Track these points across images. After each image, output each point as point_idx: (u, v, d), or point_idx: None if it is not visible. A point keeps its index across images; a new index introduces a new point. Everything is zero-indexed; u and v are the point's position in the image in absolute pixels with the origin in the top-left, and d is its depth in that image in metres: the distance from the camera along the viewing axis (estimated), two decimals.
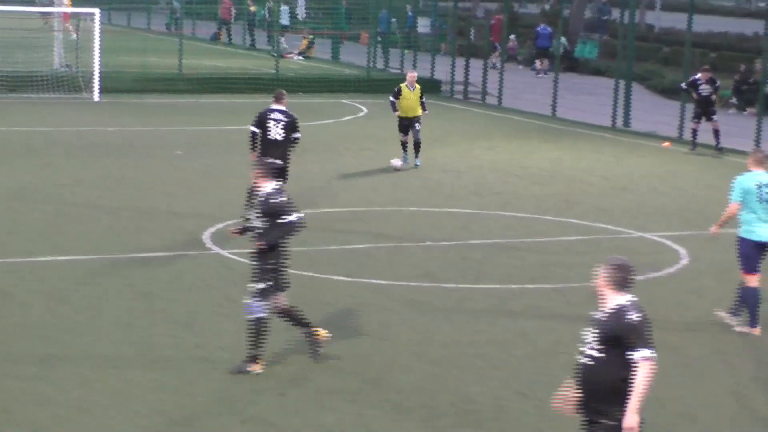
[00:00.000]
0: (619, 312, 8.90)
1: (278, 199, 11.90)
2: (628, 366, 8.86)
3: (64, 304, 17.50)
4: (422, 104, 30.54)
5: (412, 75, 31.49)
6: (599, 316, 9.06)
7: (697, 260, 21.65)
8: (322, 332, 14.97)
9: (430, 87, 44.41)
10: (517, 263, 20.80)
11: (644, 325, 9.10)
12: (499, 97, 44.63)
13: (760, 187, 17.16)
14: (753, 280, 16.99)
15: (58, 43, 44.84)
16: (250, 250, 13.87)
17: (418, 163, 30.85)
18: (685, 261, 21.14)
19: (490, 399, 14.40)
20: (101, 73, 40.17)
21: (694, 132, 34.46)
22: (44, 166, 27.64)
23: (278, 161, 21.39)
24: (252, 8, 61.72)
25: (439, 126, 29.82)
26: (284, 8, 58.21)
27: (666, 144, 35.17)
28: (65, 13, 46.19)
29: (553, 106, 40.63)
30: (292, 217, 11.70)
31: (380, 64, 51.82)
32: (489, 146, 34.27)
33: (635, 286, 8.92)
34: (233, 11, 61.14)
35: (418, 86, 30.69)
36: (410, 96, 30.06)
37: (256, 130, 22.27)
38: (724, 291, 17.92)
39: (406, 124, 30.15)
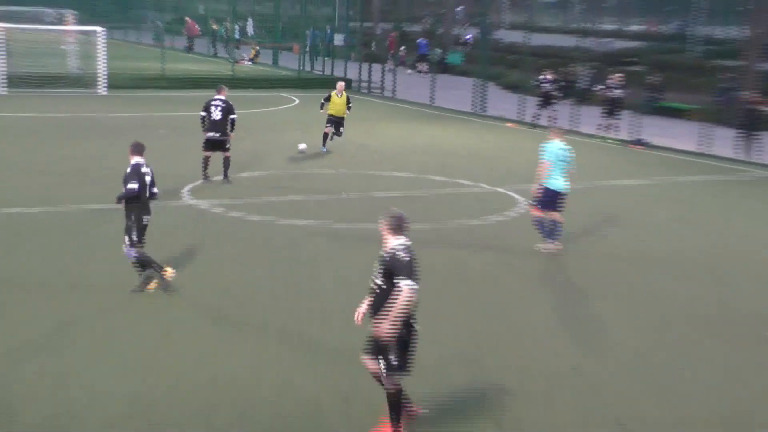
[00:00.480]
0: (394, 252, 9.32)
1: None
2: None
3: (67, 240, 17.17)
4: (348, 108, 29.54)
5: (340, 84, 30.55)
6: (383, 254, 9.47)
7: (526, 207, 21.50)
8: (169, 270, 14.58)
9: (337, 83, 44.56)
10: (409, 207, 20.88)
11: (411, 264, 9.44)
12: (393, 91, 45.29)
13: (559, 151, 17.56)
14: (552, 215, 17.67)
15: (73, 52, 44.21)
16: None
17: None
18: (521, 206, 21.32)
19: None
20: (106, 73, 39.55)
21: (536, 116, 34.63)
22: (59, 141, 27.28)
23: (218, 135, 22.55)
24: (214, 27, 61.24)
25: (351, 113, 29.75)
26: (237, 26, 58.03)
27: (511, 125, 35.38)
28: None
29: (432, 98, 40.88)
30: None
31: (308, 68, 51.63)
32: (387, 126, 34.38)
33: (488, 224, 8.70)
34: (199, 29, 60.38)
35: (345, 94, 29.79)
36: (338, 101, 29.24)
37: (203, 113, 22.76)
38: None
39: (334, 121, 29.18)
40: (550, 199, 17.63)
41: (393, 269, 9.31)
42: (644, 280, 16.50)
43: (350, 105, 29.70)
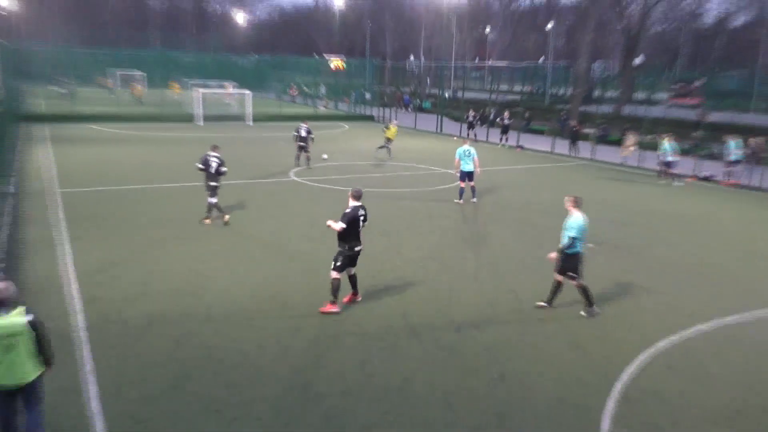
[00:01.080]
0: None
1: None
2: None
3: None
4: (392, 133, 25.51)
5: (394, 122, 27.13)
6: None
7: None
8: (227, 217, 14.22)
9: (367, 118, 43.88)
10: (402, 180, 20.90)
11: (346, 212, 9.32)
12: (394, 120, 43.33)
13: (464, 151, 17.56)
14: (467, 184, 17.65)
15: (234, 102, 43.83)
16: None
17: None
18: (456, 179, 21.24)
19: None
20: (251, 113, 39.39)
21: (474, 133, 34.23)
22: (228, 147, 27.59)
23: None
24: (305, 89, 60.45)
25: (370, 134, 29.20)
26: (318, 88, 57.67)
27: (455, 138, 35.05)
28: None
29: (415, 124, 39.97)
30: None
31: (353, 110, 51.11)
32: (395, 141, 34.08)
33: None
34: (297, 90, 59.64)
35: (393, 127, 25.90)
36: (392, 130, 25.49)
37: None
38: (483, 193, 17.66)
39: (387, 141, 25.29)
40: (464, 176, 17.60)
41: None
42: (521, 215, 16.62)
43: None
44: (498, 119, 36.06)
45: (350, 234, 9.40)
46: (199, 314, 9.30)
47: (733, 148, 22.28)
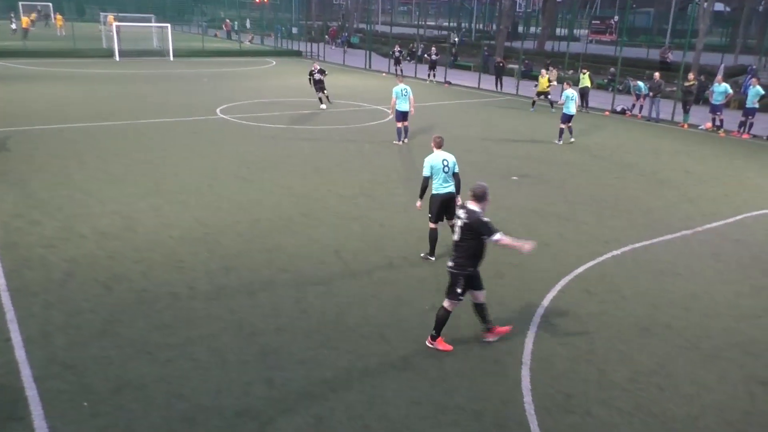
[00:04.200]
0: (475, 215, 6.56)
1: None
2: None
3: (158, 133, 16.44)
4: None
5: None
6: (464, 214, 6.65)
7: (393, 115, 21.27)
8: None
9: (295, 53, 42.60)
10: (336, 117, 20.53)
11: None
12: (324, 57, 42.22)
13: (401, 89, 16.52)
14: (403, 123, 16.97)
15: (154, 37, 41.41)
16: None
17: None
18: (391, 115, 21.13)
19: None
20: (171, 49, 37.43)
21: (400, 69, 33.82)
22: (145, 85, 26.24)
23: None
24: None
25: (298, 70, 28.37)
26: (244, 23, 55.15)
27: (383, 74, 34.69)
28: None
29: (344, 60, 39.19)
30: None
31: (279, 45, 49.39)
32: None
33: None
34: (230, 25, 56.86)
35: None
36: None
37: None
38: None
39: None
40: (401, 116, 16.83)
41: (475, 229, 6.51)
42: (449, 150, 16.70)
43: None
44: (425, 55, 35.80)
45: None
46: (126, 257, 8.96)
47: (643, 90, 23.29)
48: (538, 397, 6.13)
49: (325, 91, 22.37)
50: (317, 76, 21.95)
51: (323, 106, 22.19)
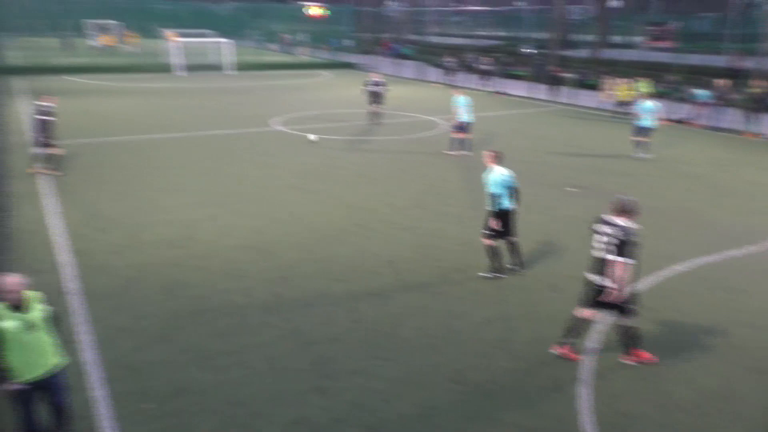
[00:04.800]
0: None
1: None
2: None
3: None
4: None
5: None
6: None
7: (447, 127, 21.12)
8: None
9: (348, 66, 43.08)
10: (389, 128, 20.62)
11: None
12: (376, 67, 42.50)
13: (465, 100, 16.60)
14: (463, 135, 16.79)
15: (214, 52, 42.73)
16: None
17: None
18: (440, 125, 21.11)
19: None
20: (231, 62, 38.40)
21: (450, 80, 33.91)
22: (211, 97, 26.99)
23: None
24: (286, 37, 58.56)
25: (350, 82, 28.44)
26: (298, 38, 56.20)
27: (436, 85, 34.69)
28: None
29: (395, 71, 39.13)
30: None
31: (333, 58, 50.09)
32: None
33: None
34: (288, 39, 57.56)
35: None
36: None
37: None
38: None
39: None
40: (462, 127, 16.77)
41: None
42: (510, 155, 16.50)
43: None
44: (478, 65, 35.56)
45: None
46: (187, 265, 9.23)
47: (703, 98, 22.55)
48: (596, 417, 5.96)
49: (379, 106, 21.40)
50: (371, 88, 21.37)
51: (373, 119, 21.48)
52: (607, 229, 6.44)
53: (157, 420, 5.75)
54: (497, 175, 8.64)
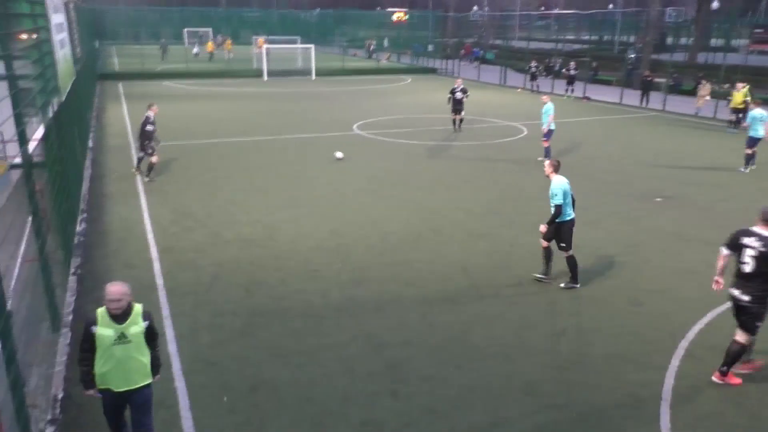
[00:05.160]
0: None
1: None
2: None
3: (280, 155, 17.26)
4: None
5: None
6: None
7: (529, 133, 20.77)
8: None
9: (430, 71, 43.07)
10: (469, 133, 20.47)
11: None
12: (459, 74, 42.13)
13: (550, 108, 16.17)
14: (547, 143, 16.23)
15: (299, 57, 43.78)
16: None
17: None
18: (524, 131, 20.73)
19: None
20: (314, 68, 39.30)
21: (533, 85, 33.35)
22: (293, 102, 27.70)
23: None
24: (369, 43, 59.31)
25: (432, 87, 28.27)
26: (382, 43, 56.75)
27: (519, 90, 34.09)
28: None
29: (478, 75, 38.83)
30: None
31: (414, 62, 50.24)
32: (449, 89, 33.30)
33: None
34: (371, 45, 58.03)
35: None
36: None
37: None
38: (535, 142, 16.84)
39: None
40: (549, 135, 16.34)
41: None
42: (584, 170, 16.05)
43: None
44: (564, 69, 34.70)
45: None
46: (266, 265, 9.56)
47: None
48: None
49: (462, 114, 20.74)
50: (458, 95, 20.41)
51: (454, 129, 20.93)
52: (753, 241, 6.11)
53: (232, 414, 5.98)
54: (562, 183, 8.57)
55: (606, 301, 8.51)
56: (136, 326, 4.80)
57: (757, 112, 15.99)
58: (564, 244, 8.74)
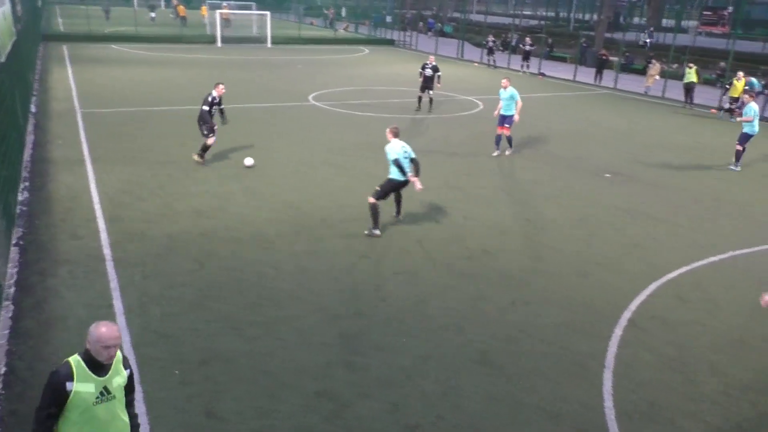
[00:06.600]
0: None
1: None
2: None
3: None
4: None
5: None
6: None
7: (485, 107, 20.94)
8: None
9: (388, 42, 42.72)
10: (390, 106, 20.52)
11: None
12: (416, 46, 41.98)
13: (507, 94, 14.45)
14: (503, 129, 15.68)
15: (254, 24, 42.65)
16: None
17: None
18: (480, 106, 20.86)
19: None
20: (270, 36, 38.43)
21: (493, 59, 33.41)
22: (245, 70, 27.13)
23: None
24: (327, 12, 58.31)
25: (390, 59, 28.19)
26: (342, 11, 55.75)
27: (476, 64, 34.21)
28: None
29: (436, 49, 38.68)
30: None
31: (373, 33, 49.58)
32: (416, 64, 33.03)
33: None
34: (332, 13, 56.98)
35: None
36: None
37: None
38: (491, 117, 16.95)
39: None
40: (503, 120, 14.67)
41: None
42: (539, 145, 16.31)
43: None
44: (519, 45, 34.94)
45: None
46: (219, 236, 9.41)
47: (756, 86, 21.68)
48: (620, 404, 5.92)
49: (431, 93, 19.62)
50: (428, 72, 19.34)
51: (418, 107, 19.93)
52: None
53: (184, 386, 5.87)
54: (390, 148, 9.37)
55: (556, 273, 8.72)
56: (119, 377, 3.70)
57: (754, 105, 14.61)
58: (378, 189, 9.51)
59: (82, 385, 3.53)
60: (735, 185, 13.54)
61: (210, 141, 12.86)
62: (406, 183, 9.53)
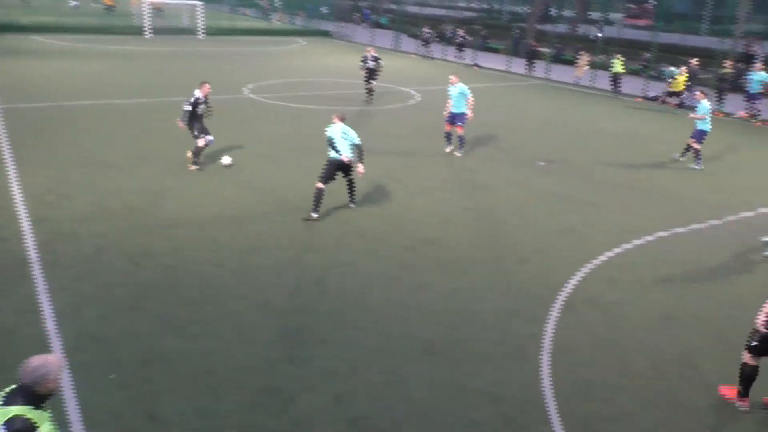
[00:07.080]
0: None
1: None
2: None
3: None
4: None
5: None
6: None
7: (422, 98, 21.10)
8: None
9: (324, 33, 42.44)
10: (362, 99, 20.49)
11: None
12: (353, 38, 41.89)
13: (456, 92, 14.07)
14: (454, 127, 15.63)
15: (185, 15, 41.49)
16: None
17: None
18: (417, 97, 21.02)
19: None
20: (203, 27, 37.52)
21: (429, 51, 33.71)
22: (174, 62, 26.33)
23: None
24: (262, 3, 57.03)
25: (326, 51, 28.04)
26: (274, 3, 54.81)
27: (412, 56, 34.39)
28: None
29: (372, 40, 38.60)
30: None
31: (308, 25, 49.08)
32: (354, 56, 32.87)
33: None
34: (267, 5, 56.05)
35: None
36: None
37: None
38: (438, 111, 17.09)
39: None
40: (454, 118, 14.11)
41: None
42: (476, 133, 16.54)
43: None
44: (454, 36, 35.36)
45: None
46: (156, 234, 9.13)
47: (676, 73, 22.70)
48: (558, 384, 6.13)
49: (372, 84, 19.92)
50: (370, 65, 19.64)
51: (368, 98, 20.02)
52: None
53: (122, 389, 5.71)
54: (330, 129, 9.85)
55: (496, 260, 8.91)
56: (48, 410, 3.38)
57: (707, 102, 14.31)
58: (322, 174, 9.89)
59: (47, 428, 3.22)
60: (663, 171, 14.17)
61: (201, 143, 12.07)
62: (345, 165, 9.84)
